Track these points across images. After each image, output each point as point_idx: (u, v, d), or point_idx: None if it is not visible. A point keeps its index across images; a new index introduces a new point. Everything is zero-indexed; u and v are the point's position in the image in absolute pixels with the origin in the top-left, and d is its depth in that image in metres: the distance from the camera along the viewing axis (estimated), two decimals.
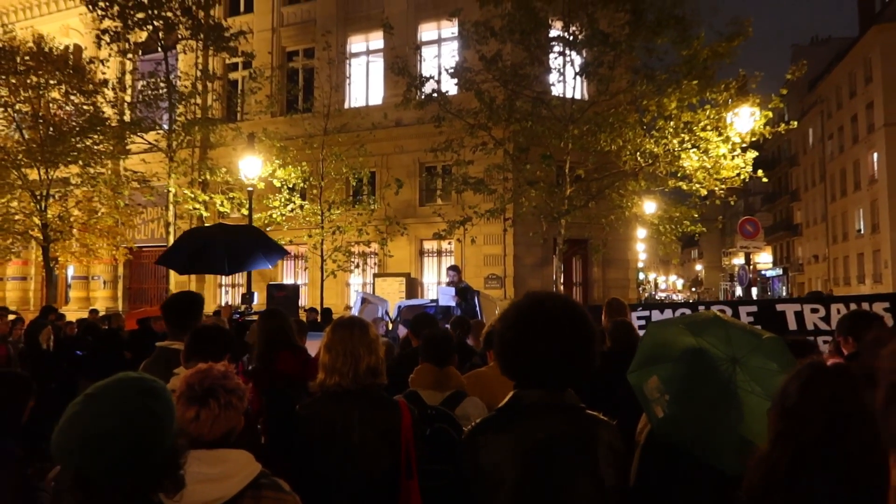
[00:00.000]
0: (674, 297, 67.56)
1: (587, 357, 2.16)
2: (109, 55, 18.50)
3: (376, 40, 21.91)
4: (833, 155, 48.77)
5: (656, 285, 76.83)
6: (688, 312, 7.26)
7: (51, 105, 18.54)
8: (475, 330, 6.10)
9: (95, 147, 18.40)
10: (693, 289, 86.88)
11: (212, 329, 3.29)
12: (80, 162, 18.14)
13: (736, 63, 14.47)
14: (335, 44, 21.07)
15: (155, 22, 17.65)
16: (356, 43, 22.76)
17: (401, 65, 15.80)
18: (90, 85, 18.31)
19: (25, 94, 18.14)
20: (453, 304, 10.96)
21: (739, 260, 24.97)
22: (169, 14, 17.58)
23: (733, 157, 14.27)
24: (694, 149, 14.31)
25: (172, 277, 19.54)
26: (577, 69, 15.03)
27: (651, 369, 2.61)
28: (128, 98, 20.23)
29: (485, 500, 2.13)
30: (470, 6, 15.76)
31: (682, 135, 14.30)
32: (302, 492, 2.78)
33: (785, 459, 1.74)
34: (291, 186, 18.47)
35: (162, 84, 18.22)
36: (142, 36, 18.66)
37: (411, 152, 20.23)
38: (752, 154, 14.53)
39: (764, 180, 16.21)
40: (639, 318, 7.89)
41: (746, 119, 14.12)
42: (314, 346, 4.12)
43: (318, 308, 15.38)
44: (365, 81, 22.54)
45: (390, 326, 11.20)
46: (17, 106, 18.24)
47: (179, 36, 18.31)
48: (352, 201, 19.30)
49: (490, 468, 2.12)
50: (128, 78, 20.35)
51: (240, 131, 18.46)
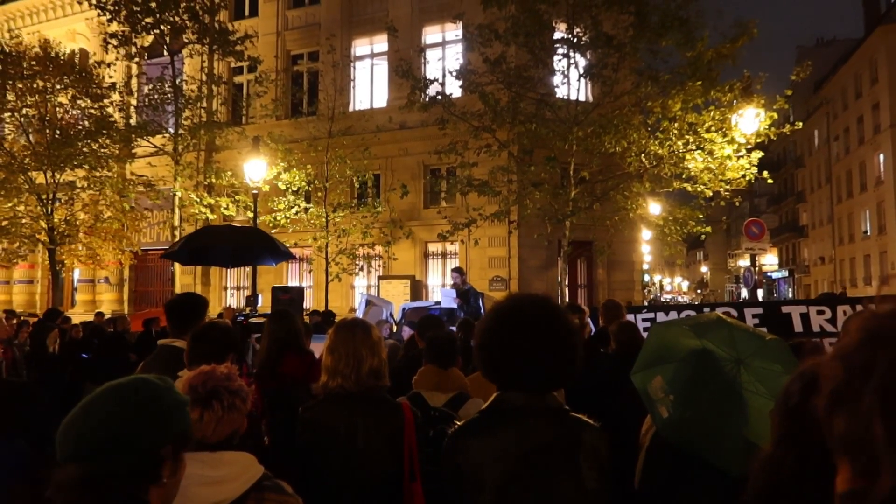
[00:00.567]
0: (679, 299, 67.41)
1: (566, 359, 2.13)
2: (116, 59, 18.59)
3: (380, 43, 21.95)
4: (839, 156, 48.59)
5: (661, 287, 76.65)
6: (693, 314, 7.24)
7: (57, 109, 18.62)
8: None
9: (102, 151, 18.48)
10: (698, 291, 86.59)
11: (214, 328, 3.23)
12: (87, 165, 18.22)
13: (741, 64, 14.45)
14: (339, 47, 21.10)
15: (162, 26, 17.73)
16: (360, 46, 22.80)
17: (405, 67, 15.81)
18: (97, 89, 18.39)
19: (32, 99, 18.22)
20: (455, 306, 11.00)
21: (745, 262, 24.89)
22: (176, 18, 17.65)
23: (738, 159, 14.23)
24: (699, 150, 14.27)
25: (178, 280, 19.56)
26: (582, 71, 15.01)
27: (655, 370, 2.61)
28: (134, 102, 20.33)
29: (464, 503, 2.12)
30: (474, 9, 15.78)
31: (687, 136, 14.27)
32: (305, 494, 2.78)
33: (790, 461, 1.73)
34: (296, 189, 18.51)
35: (168, 88, 18.31)
36: (148, 40, 18.74)
37: (416, 155, 20.24)
38: (758, 155, 14.48)
39: (769, 181, 16.16)
40: (644, 321, 7.87)
41: (751, 120, 14.08)
42: (318, 349, 4.13)
43: (323, 310, 15.38)
44: (369, 84, 22.58)
45: (395, 328, 11.21)
46: (24, 110, 18.32)
47: (186, 40, 18.38)
48: (356, 204, 19.31)
49: (470, 471, 2.11)
50: (134, 82, 20.44)
51: (245, 134, 18.50)
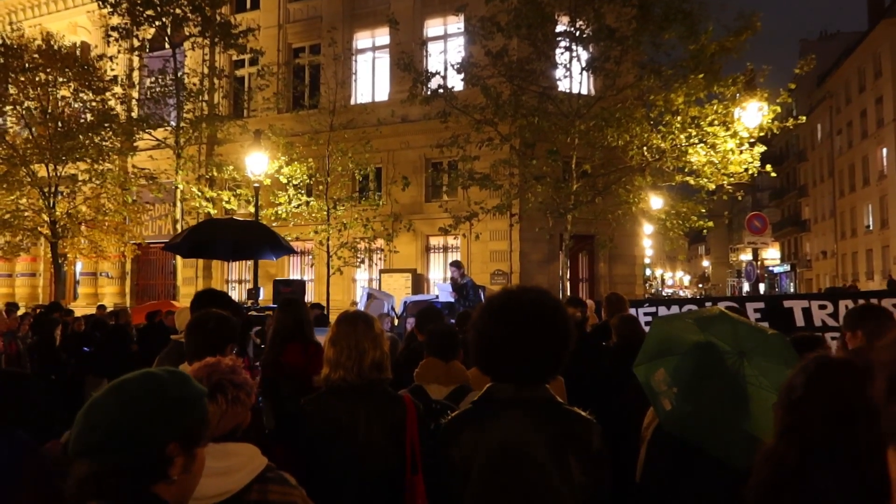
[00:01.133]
0: (680, 293, 67.39)
1: (554, 350, 2.11)
2: (118, 52, 18.55)
3: (382, 36, 21.89)
4: (842, 150, 48.45)
5: (663, 281, 76.66)
6: (695, 308, 7.24)
7: (59, 102, 18.60)
8: None
9: (103, 144, 18.47)
10: (700, 285, 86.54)
11: (209, 319, 3.16)
12: (89, 158, 18.22)
13: (744, 58, 14.40)
14: (341, 40, 21.06)
15: (164, 18, 17.68)
16: (362, 39, 22.74)
17: (406, 61, 15.75)
18: (99, 82, 18.37)
19: (34, 92, 18.20)
20: (453, 300, 11.03)
21: (747, 256, 24.83)
22: (178, 11, 17.61)
23: (741, 152, 14.18)
24: (701, 144, 14.22)
25: (179, 273, 19.59)
26: (584, 64, 14.96)
27: (658, 362, 2.60)
28: (136, 95, 20.30)
29: (454, 493, 2.14)
30: (476, 1, 15.71)
31: (690, 130, 14.21)
32: (307, 487, 2.78)
33: (792, 454, 1.73)
34: (298, 183, 18.49)
35: (170, 81, 18.28)
36: (150, 33, 18.70)
37: (417, 148, 20.22)
38: (760, 149, 14.43)
39: (772, 175, 16.09)
40: (646, 315, 7.86)
41: (754, 114, 14.02)
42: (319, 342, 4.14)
43: (324, 304, 15.40)
44: (371, 78, 22.53)
45: (396, 322, 11.22)
46: (26, 103, 18.31)
47: (187, 33, 18.33)
48: (358, 197, 19.30)
49: (459, 462, 2.13)
50: (135, 75, 20.39)
51: (246, 128, 18.48)
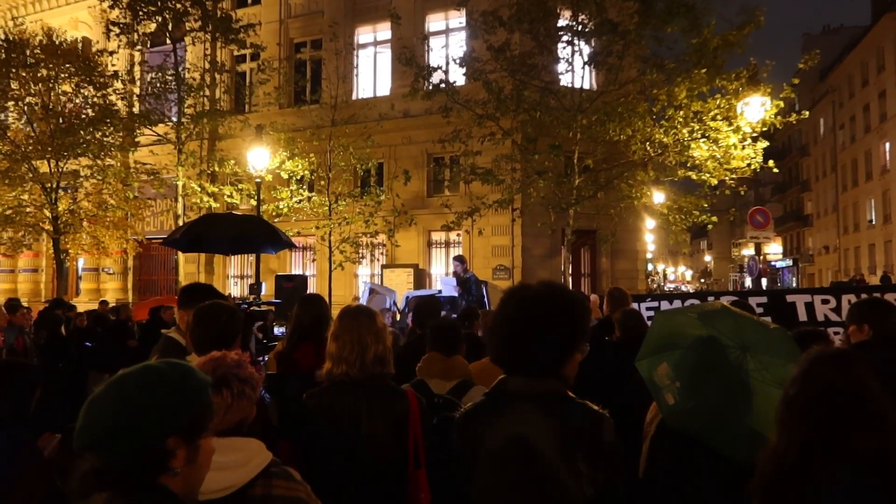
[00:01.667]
0: (683, 288, 67.30)
1: (562, 341, 2.11)
2: (119, 47, 18.52)
3: (384, 31, 21.85)
4: (844, 145, 48.33)
5: (665, 276, 76.57)
6: (697, 303, 7.22)
7: (61, 98, 18.58)
8: (484, 320, 6.08)
9: (105, 139, 18.45)
10: (702, 280, 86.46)
11: (221, 312, 3.13)
12: (90, 154, 18.20)
13: (747, 52, 14.31)
14: (343, 35, 21.01)
15: (164, 13, 17.65)
16: (364, 34, 22.70)
17: (408, 55, 15.71)
18: (100, 77, 18.34)
19: (36, 88, 18.18)
20: (456, 294, 11.00)
21: (749, 251, 24.82)
22: (178, 5, 17.57)
23: (743, 147, 14.14)
24: (704, 138, 14.18)
25: (181, 269, 19.60)
26: (586, 59, 14.90)
27: (661, 357, 2.59)
28: (137, 90, 20.27)
29: (466, 484, 2.16)
30: None
31: (692, 124, 14.17)
32: (310, 482, 2.77)
33: (792, 449, 1.73)
34: (300, 178, 18.47)
35: (170, 76, 18.25)
36: (150, 28, 18.66)
37: (419, 143, 20.19)
38: (763, 144, 14.38)
39: (775, 170, 16.04)
40: (648, 309, 7.85)
41: (757, 108, 13.98)
42: None
43: (326, 299, 15.38)
44: (372, 72, 22.50)
45: (398, 317, 11.22)
46: (28, 99, 18.29)
47: (188, 28, 18.30)
48: (359, 192, 19.28)
49: (469, 453, 2.15)
50: (136, 70, 20.35)
51: (248, 123, 18.46)
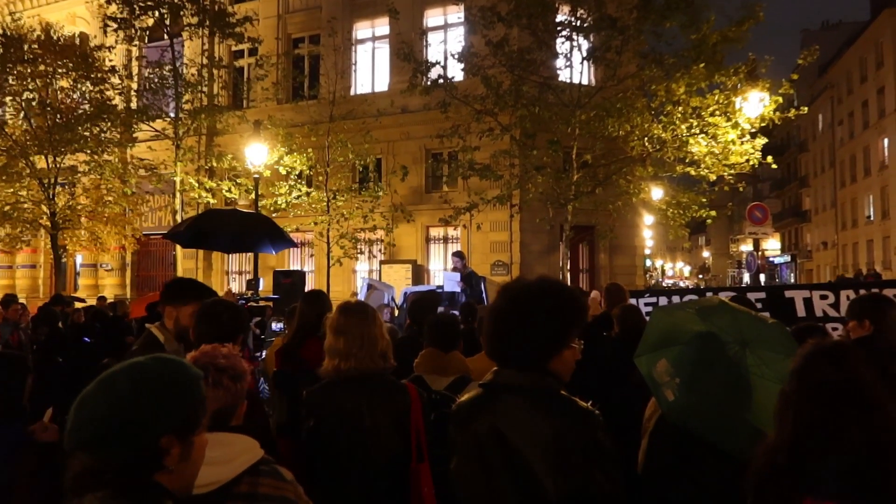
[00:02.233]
0: (681, 284, 67.37)
1: (548, 338, 2.07)
2: (116, 42, 18.46)
3: (382, 26, 21.78)
4: (843, 141, 48.34)
5: (663, 272, 76.70)
6: (695, 299, 7.21)
7: (58, 93, 18.52)
8: (481, 315, 6.07)
9: (103, 135, 18.40)
10: (700, 276, 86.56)
11: (224, 310, 3.13)
12: (88, 150, 18.15)
13: (745, 47, 14.30)
14: (341, 30, 20.95)
15: (161, 8, 17.58)
16: (362, 29, 22.63)
17: (406, 51, 15.66)
18: (97, 73, 18.28)
19: (33, 83, 18.13)
20: (458, 290, 10.97)
21: (747, 247, 24.83)
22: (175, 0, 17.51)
23: (742, 143, 14.13)
24: (702, 134, 14.17)
25: (180, 265, 19.56)
26: (585, 54, 14.87)
27: (660, 353, 2.58)
28: (134, 86, 20.22)
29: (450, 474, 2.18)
30: None
31: (691, 120, 14.15)
32: (313, 476, 2.77)
33: (786, 444, 1.73)
34: (298, 173, 18.44)
35: (168, 72, 18.19)
36: (148, 22, 18.60)
37: (417, 139, 20.15)
38: (762, 140, 14.38)
39: (773, 166, 16.03)
40: (646, 305, 7.86)
41: (755, 104, 13.97)
42: None
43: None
44: (371, 68, 22.44)
45: (396, 313, 11.20)
46: (25, 94, 18.23)
47: (185, 22, 18.23)
48: (358, 188, 19.25)
49: (454, 445, 2.16)
50: (134, 65, 20.28)
51: (246, 118, 18.41)
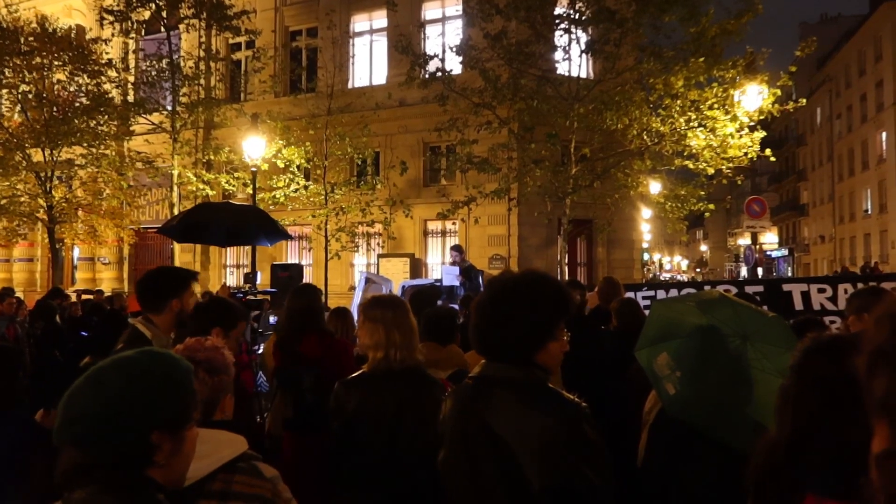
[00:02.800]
0: (678, 278, 67.48)
1: (531, 330, 2.03)
2: (112, 35, 18.38)
3: (380, 19, 21.71)
4: (841, 134, 48.35)
5: (661, 266, 76.70)
6: (693, 292, 7.22)
7: (55, 86, 18.45)
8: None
9: (99, 128, 18.34)
10: (698, 269, 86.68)
11: (210, 302, 3.21)
12: (85, 143, 18.09)
13: (744, 41, 14.28)
14: (339, 23, 20.85)
15: (157, 1, 17.50)
16: (360, 22, 22.54)
17: (404, 43, 15.60)
18: (94, 65, 18.20)
19: (30, 76, 18.05)
20: (457, 284, 10.97)
21: (745, 240, 24.87)
22: None
23: (740, 137, 14.12)
24: (701, 128, 14.14)
25: (177, 258, 19.52)
26: (583, 47, 14.83)
27: (660, 346, 2.57)
28: (131, 78, 20.14)
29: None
30: None
31: (689, 113, 14.12)
32: (346, 471, 2.79)
33: (785, 441, 1.72)
34: (297, 166, 18.40)
35: (165, 65, 18.12)
36: (144, 15, 18.51)
37: (415, 132, 20.10)
38: (760, 134, 14.36)
39: (772, 159, 16.02)
40: (644, 299, 7.87)
41: (754, 97, 13.94)
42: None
43: (322, 288, 15.36)
44: (368, 61, 22.36)
45: None
46: (22, 87, 18.16)
47: (182, 15, 18.15)
48: (356, 181, 19.22)
49: (442, 438, 2.16)
50: (131, 58, 20.19)
51: (243, 112, 18.35)
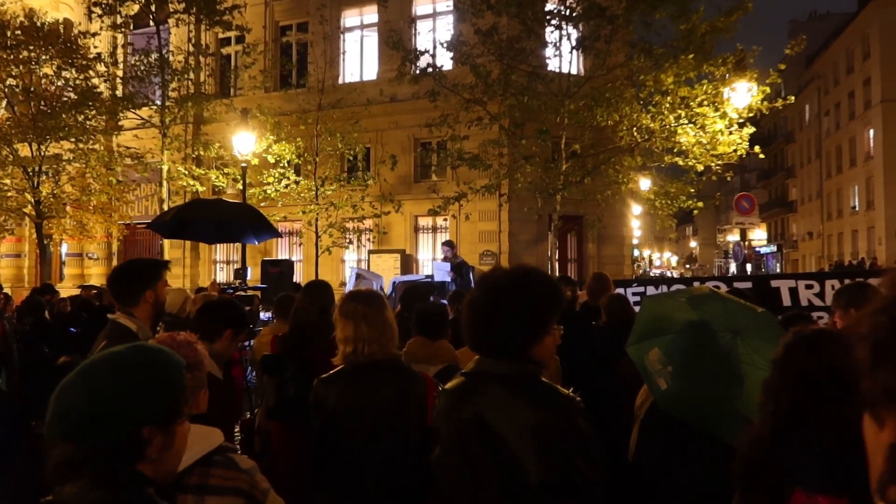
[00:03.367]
0: (668, 274, 67.75)
1: (526, 327, 2.05)
2: (101, 29, 18.23)
3: (370, 14, 21.62)
4: (829, 131, 48.65)
5: (651, 262, 77.06)
6: (683, 288, 7.26)
7: (42, 80, 18.27)
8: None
9: (88, 123, 18.18)
10: (687, 265, 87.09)
11: (220, 303, 3.23)
12: (73, 138, 17.94)
13: (734, 38, 14.33)
14: (329, 18, 20.77)
15: None
16: (350, 17, 22.45)
17: (395, 39, 15.57)
18: (82, 60, 18.04)
19: (17, 70, 17.86)
20: (448, 280, 10.99)
21: (734, 236, 24.98)
22: None
23: (730, 133, 14.19)
24: (690, 124, 14.21)
25: (167, 254, 19.43)
26: (574, 43, 14.85)
27: (652, 342, 2.59)
28: (120, 73, 19.99)
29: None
30: None
31: (679, 110, 14.18)
32: (331, 463, 2.79)
33: (768, 435, 1.74)
34: (288, 161, 18.33)
35: (154, 59, 17.98)
36: (134, 9, 18.36)
37: (406, 128, 20.08)
38: (749, 130, 14.44)
39: (760, 156, 16.13)
40: (634, 295, 7.90)
41: (743, 94, 14.02)
42: None
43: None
44: (359, 56, 22.29)
45: None
46: (9, 81, 17.98)
47: (171, 9, 18.01)
48: (346, 177, 19.17)
49: (437, 434, 2.17)
50: (119, 52, 20.04)
51: (233, 107, 18.26)
